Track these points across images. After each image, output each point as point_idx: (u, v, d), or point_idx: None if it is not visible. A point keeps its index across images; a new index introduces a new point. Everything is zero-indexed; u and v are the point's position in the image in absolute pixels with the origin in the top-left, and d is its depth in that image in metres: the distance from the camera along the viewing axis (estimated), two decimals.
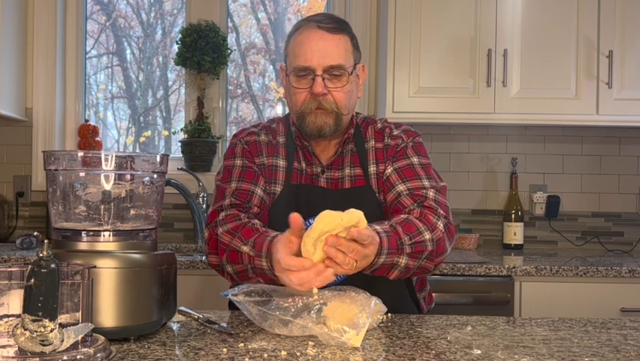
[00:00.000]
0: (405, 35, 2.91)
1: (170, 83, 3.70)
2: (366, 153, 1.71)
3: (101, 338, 1.05)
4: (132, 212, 1.25)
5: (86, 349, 0.99)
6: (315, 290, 1.28)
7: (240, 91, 3.65)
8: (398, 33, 2.91)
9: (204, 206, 3.20)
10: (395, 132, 1.73)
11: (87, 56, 3.51)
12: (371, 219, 1.54)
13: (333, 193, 1.67)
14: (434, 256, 1.50)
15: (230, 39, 3.46)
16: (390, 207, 1.63)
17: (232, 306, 1.59)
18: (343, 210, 1.44)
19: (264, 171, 1.68)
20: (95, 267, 1.12)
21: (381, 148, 1.72)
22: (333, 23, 1.62)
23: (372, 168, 1.69)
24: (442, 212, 1.56)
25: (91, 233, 1.21)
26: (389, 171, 1.67)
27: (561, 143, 3.29)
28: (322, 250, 1.26)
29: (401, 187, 1.62)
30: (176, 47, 3.29)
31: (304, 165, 1.69)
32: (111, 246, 1.21)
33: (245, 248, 1.45)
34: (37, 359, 0.94)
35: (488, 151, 3.29)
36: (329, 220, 1.25)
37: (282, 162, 1.69)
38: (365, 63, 3.26)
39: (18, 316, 0.99)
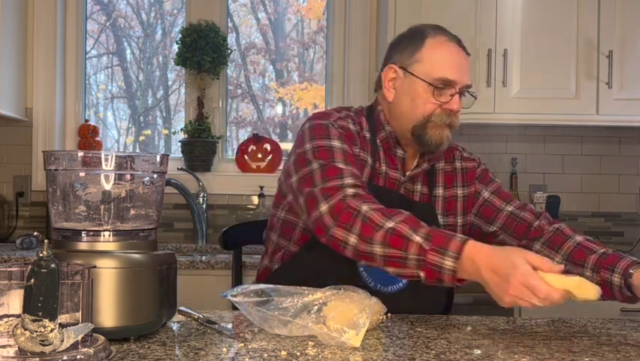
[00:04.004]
0: None
1: (170, 83, 3.70)
2: (436, 173, 1.72)
3: (101, 338, 1.05)
4: (132, 212, 1.25)
5: (86, 349, 0.99)
6: (319, 294, 1.27)
7: (240, 91, 3.65)
8: (398, 33, 2.90)
9: (204, 206, 3.20)
10: (465, 154, 1.78)
11: (87, 56, 3.51)
12: None
13: (413, 205, 1.63)
14: None
15: (230, 39, 3.46)
16: (506, 226, 1.69)
17: (235, 306, 1.59)
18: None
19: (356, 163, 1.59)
20: (95, 267, 1.12)
21: (451, 171, 1.74)
22: (462, 44, 1.64)
23: (439, 191, 1.71)
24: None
25: (91, 233, 1.21)
26: (486, 195, 1.73)
27: (561, 143, 3.29)
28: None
29: (510, 208, 1.70)
30: (176, 47, 3.29)
31: (386, 168, 1.66)
32: (111, 246, 1.21)
33: (417, 238, 1.33)
34: (37, 359, 0.94)
35: (488, 151, 3.28)
36: (582, 287, 1.25)
37: (369, 159, 1.64)
38: (366, 62, 3.29)
39: (18, 316, 0.99)
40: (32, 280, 0.93)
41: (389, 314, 1.46)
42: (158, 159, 1.27)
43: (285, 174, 1.63)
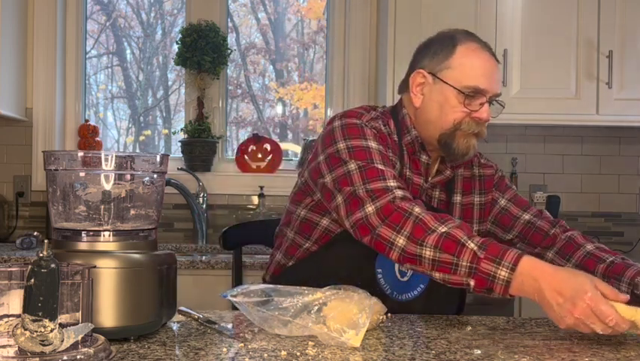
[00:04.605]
0: (405, 35, 2.91)
1: (170, 83, 3.70)
2: (455, 179, 1.70)
3: (101, 338, 1.05)
4: (132, 212, 1.25)
5: (86, 349, 0.99)
6: (319, 294, 1.27)
7: (240, 91, 3.65)
8: (398, 33, 2.91)
9: (204, 206, 3.20)
10: (483, 160, 1.77)
11: (87, 56, 3.51)
12: None
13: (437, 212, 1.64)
14: None
15: (230, 39, 3.46)
16: (523, 235, 1.70)
17: (235, 306, 1.59)
18: None
19: None
20: (95, 267, 1.12)
21: (470, 177, 1.72)
22: (493, 51, 1.62)
23: (457, 197, 1.70)
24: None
25: (91, 233, 1.21)
26: (503, 203, 1.73)
27: (561, 143, 3.29)
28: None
29: (527, 216, 1.71)
30: (176, 47, 3.29)
31: (410, 173, 1.63)
32: (111, 246, 1.21)
33: (471, 244, 1.31)
34: (37, 359, 0.94)
35: (488, 151, 3.27)
36: None
37: (398, 163, 1.61)
38: (366, 62, 3.29)
39: (18, 316, 0.99)
40: (32, 280, 0.93)
41: (389, 314, 1.46)
42: (158, 159, 1.27)
43: (314, 173, 1.58)
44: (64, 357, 0.95)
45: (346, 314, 1.22)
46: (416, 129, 1.63)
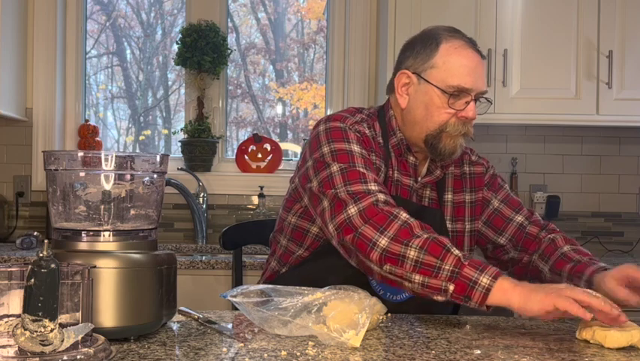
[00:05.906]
0: (405, 35, 2.89)
1: (170, 83, 3.70)
2: (445, 177, 1.69)
3: (101, 338, 1.05)
4: (132, 212, 1.25)
5: (86, 349, 0.99)
6: (319, 294, 1.27)
7: (239, 91, 3.65)
8: (398, 33, 2.91)
9: (204, 206, 3.20)
10: (474, 158, 1.75)
11: (87, 56, 3.51)
12: None
13: (424, 211, 1.62)
14: None
15: (231, 39, 3.46)
16: (514, 238, 1.69)
17: (235, 306, 1.59)
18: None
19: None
20: (95, 267, 1.12)
21: (460, 175, 1.71)
22: (478, 47, 1.60)
23: (448, 196, 1.69)
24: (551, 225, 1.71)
25: (91, 233, 1.21)
26: (496, 204, 1.72)
27: (561, 143, 3.29)
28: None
29: (519, 218, 1.70)
30: (176, 47, 3.29)
31: (398, 175, 1.63)
32: (111, 246, 1.21)
33: (456, 251, 1.32)
34: (37, 359, 0.94)
35: (488, 151, 3.28)
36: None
37: (382, 166, 1.61)
38: (366, 62, 3.29)
39: (18, 316, 0.99)
40: (32, 280, 0.93)
41: (389, 314, 1.46)
42: (158, 159, 1.27)
43: (303, 179, 1.58)
44: (64, 357, 0.96)
45: (346, 314, 1.22)
46: (402, 131, 1.62)
